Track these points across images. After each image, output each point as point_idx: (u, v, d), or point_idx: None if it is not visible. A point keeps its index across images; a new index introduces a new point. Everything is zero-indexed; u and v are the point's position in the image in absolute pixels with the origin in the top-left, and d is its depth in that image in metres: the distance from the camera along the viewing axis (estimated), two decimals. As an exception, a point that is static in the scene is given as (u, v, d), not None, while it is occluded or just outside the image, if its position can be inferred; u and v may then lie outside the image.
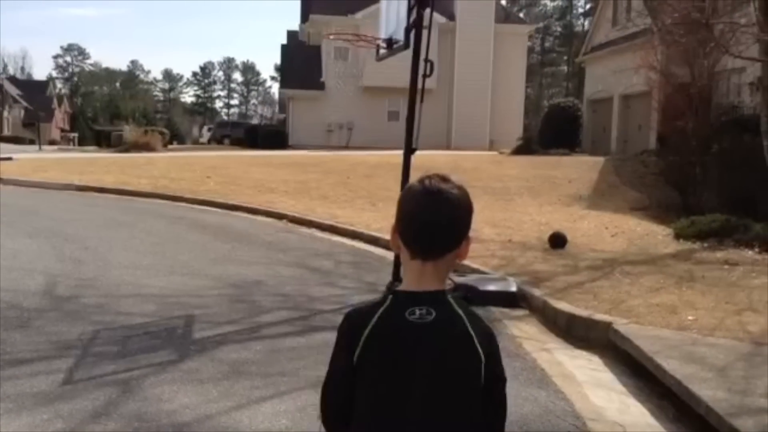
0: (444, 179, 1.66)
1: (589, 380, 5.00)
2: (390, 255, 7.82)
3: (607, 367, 5.29)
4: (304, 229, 11.27)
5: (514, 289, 6.97)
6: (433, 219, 1.62)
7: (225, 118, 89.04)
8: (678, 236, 9.35)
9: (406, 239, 1.65)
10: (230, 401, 4.38)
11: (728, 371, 4.70)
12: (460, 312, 1.65)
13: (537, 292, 6.86)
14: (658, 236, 9.63)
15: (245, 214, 12.73)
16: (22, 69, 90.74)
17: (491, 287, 6.99)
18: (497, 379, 1.70)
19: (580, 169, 17.65)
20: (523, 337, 5.87)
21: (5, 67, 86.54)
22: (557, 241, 8.92)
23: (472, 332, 1.64)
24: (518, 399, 4.48)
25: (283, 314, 6.37)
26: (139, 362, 5.01)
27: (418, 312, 1.62)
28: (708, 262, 8.01)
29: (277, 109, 72.21)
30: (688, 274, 7.44)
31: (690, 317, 5.94)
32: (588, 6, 68.22)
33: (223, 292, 7.10)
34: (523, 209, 12.39)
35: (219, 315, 6.27)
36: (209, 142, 46.58)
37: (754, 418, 3.95)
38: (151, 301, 6.68)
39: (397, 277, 7.23)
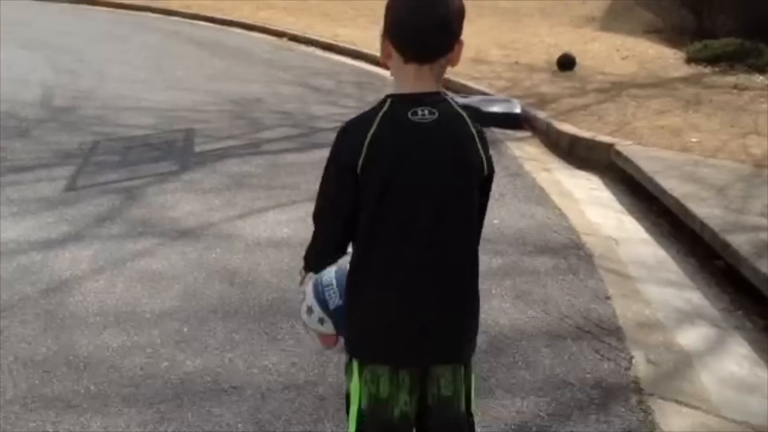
0: None
1: (587, 198, 5.05)
2: (392, 73, 7.64)
3: (607, 187, 5.32)
4: (304, 48, 10.91)
5: (518, 110, 6.86)
6: (428, 21, 1.56)
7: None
8: (690, 60, 9.06)
9: (400, 44, 1.60)
10: (232, 210, 4.45)
11: (727, 191, 4.74)
12: (460, 111, 1.65)
13: (541, 114, 6.76)
14: (669, 60, 9.33)
15: (241, 30, 12.27)
16: None
17: (495, 108, 6.87)
18: (491, 175, 1.71)
19: (593, -10, 16.79)
20: (524, 157, 5.86)
21: None
22: (565, 63, 8.66)
23: (473, 130, 1.65)
24: (515, 214, 4.55)
25: (284, 131, 6.32)
26: (141, 172, 5.04)
27: (420, 112, 1.59)
28: (717, 86, 7.83)
29: None
30: (695, 97, 7.29)
31: (693, 139, 5.89)
32: None
33: (222, 108, 7.00)
34: (533, 30, 11.92)
35: (219, 130, 6.22)
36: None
37: (748, 234, 4.03)
38: (150, 114, 6.60)
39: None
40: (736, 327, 3.39)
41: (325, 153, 1.74)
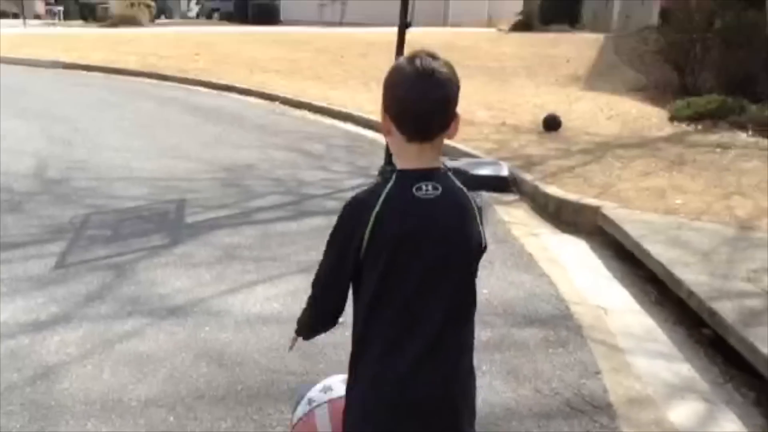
0: (433, 57, 1.63)
1: (575, 264, 5.09)
2: (382, 139, 7.74)
3: (594, 251, 5.37)
4: (297, 111, 11.10)
5: (505, 173, 6.96)
6: (430, 103, 1.60)
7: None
8: (673, 118, 9.24)
9: (402, 123, 1.63)
10: (223, 285, 4.46)
11: (712, 256, 4.78)
12: (460, 185, 1.70)
13: (528, 176, 6.86)
14: (653, 118, 9.52)
15: (236, 95, 12.50)
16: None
17: (483, 171, 6.97)
18: (485, 249, 1.74)
19: (579, 47, 17.21)
20: (512, 222, 5.92)
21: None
22: (551, 123, 8.83)
23: (474, 205, 1.70)
24: (504, 283, 4.58)
25: (275, 199, 6.39)
26: (132, 246, 5.07)
27: (424, 188, 1.63)
28: (700, 145, 7.97)
29: (268, -19, 69.21)
30: (679, 157, 7.42)
31: (678, 201, 5.97)
32: None
33: (214, 176, 7.08)
34: (519, 90, 12.17)
35: (211, 199, 6.28)
36: (198, 16, 45.04)
37: (734, 301, 4.05)
38: (143, 184, 6.67)
39: (389, 161, 7.19)
40: (726, 401, 3.39)
41: (314, 221, 1.80)
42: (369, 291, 1.65)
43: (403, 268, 1.63)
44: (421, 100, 1.60)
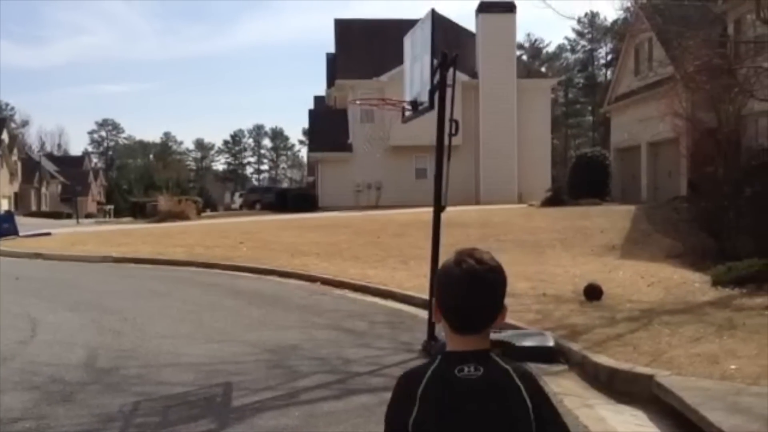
0: (480, 261, 1.76)
1: (633, 436, 4.89)
2: (424, 313, 7.83)
3: (652, 421, 5.18)
4: (337, 291, 11.31)
5: (551, 343, 6.90)
6: (475, 307, 1.75)
7: (255, 183, 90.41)
8: (715, 283, 9.20)
9: (450, 320, 1.78)
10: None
11: (777, 421, 4.58)
12: (506, 366, 1.76)
13: (575, 346, 6.78)
14: (695, 284, 9.48)
15: (278, 278, 12.84)
16: (59, 146, 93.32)
17: (528, 343, 6.92)
18: (548, 422, 1.75)
19: (611, 218, 17.54)
20: (563, 393, 5.78)
21: (43, 144, 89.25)
22: (593, 292, 8.84)
23: (519, 384, 1.74)
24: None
25: (320, 378, 6.38)
26: (180, 433, 5.04)
27: (466, 369, 1.73)
28: (748, 308, 7.86)
29: (305, 171, 73.24)
30: (728, 321, 7.30)
31: (733, 366, 5.81)
32: (609, 57, 68.88)
33: (259, 358, 7.14)
34: (556, 261, 12.30)
35: (256, 381, 6.30)
36: (241, 207, 47.35)
37: (808, 469, 3.83)
38: (190, 369, 6.74)
39: (432, 336, 7.21)
40: None
41: (360, 399, 1.83)
42: None
43: None
44: (467, 304, 1.75)
